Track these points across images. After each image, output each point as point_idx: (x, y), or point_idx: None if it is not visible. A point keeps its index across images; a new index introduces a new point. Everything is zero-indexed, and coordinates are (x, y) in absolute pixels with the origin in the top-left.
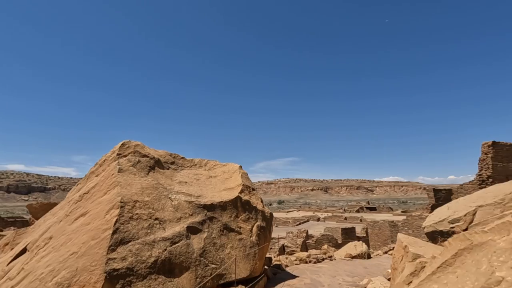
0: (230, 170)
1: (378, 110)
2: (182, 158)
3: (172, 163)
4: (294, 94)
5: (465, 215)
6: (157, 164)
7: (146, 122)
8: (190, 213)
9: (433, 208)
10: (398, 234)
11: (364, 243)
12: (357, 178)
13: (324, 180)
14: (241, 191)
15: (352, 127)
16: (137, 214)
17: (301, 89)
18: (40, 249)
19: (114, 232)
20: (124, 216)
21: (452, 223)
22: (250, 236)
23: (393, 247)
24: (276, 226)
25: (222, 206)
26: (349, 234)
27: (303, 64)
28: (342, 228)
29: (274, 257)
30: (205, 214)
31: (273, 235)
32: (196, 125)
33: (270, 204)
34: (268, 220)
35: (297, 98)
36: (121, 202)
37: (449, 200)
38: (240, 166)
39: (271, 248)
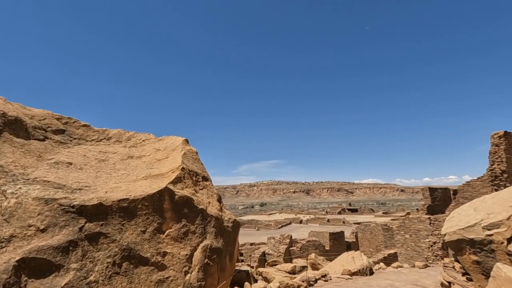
0: (168, 146)
1: (359, 114)
2: (85, 126)
3: (60, 131)
4: (277, 95)
5: (508, 218)
6: (10, 128)
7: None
8: (41, 227)
9: (429, 209)
10: (497, 264)
11: (362, 254)
12: (338, 181)
13: (306, 182)
14: (177, 180)
15: (334, 130)
16: None
17: (284, 91)
18: None
19: None
20: None
21: (489, 229)
22: (186, 273)
23: (388, 254)
24: (258, 230)
25: (127, 210)
26: (337, 239)
27: (285, 64)
28: (330, 233)
29: (253, 267)
30: (81, 228)
31: (253, 241)
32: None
33: (252, 207)
34: (229, 234)
35: (280, 100)
36: None
37: (447, 200)
38: (186, 140)
39: (250, 256)
